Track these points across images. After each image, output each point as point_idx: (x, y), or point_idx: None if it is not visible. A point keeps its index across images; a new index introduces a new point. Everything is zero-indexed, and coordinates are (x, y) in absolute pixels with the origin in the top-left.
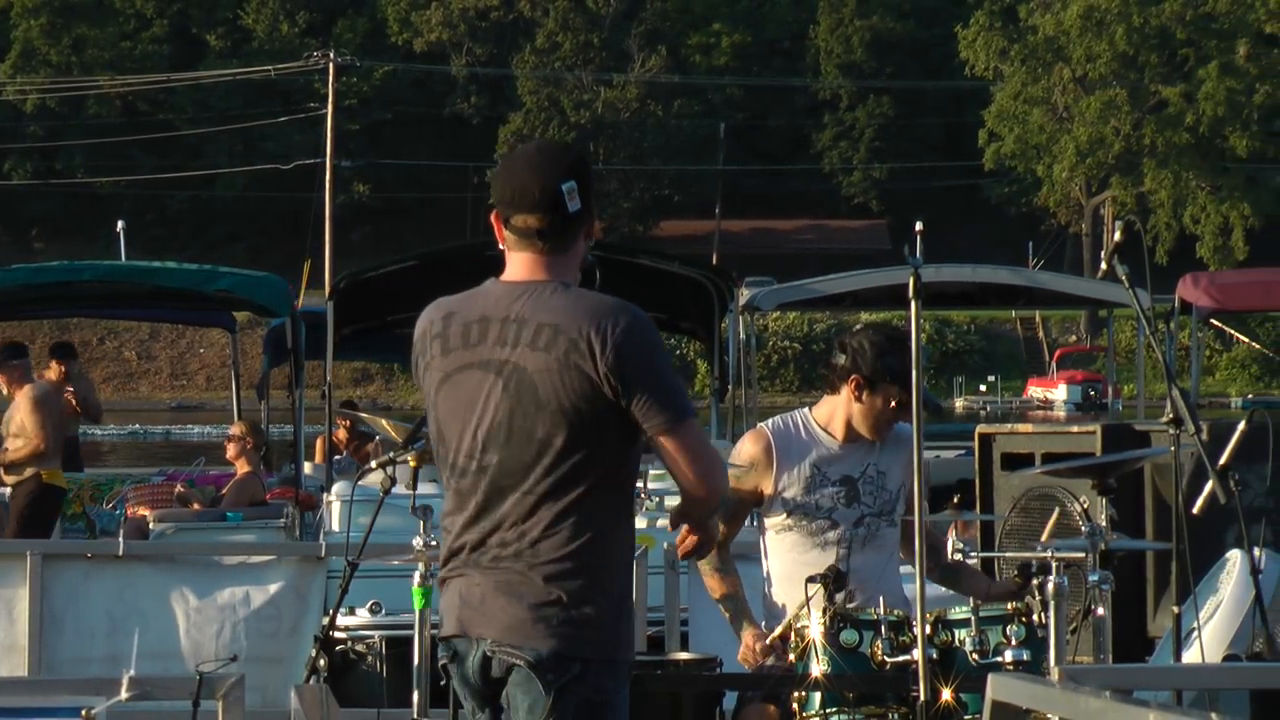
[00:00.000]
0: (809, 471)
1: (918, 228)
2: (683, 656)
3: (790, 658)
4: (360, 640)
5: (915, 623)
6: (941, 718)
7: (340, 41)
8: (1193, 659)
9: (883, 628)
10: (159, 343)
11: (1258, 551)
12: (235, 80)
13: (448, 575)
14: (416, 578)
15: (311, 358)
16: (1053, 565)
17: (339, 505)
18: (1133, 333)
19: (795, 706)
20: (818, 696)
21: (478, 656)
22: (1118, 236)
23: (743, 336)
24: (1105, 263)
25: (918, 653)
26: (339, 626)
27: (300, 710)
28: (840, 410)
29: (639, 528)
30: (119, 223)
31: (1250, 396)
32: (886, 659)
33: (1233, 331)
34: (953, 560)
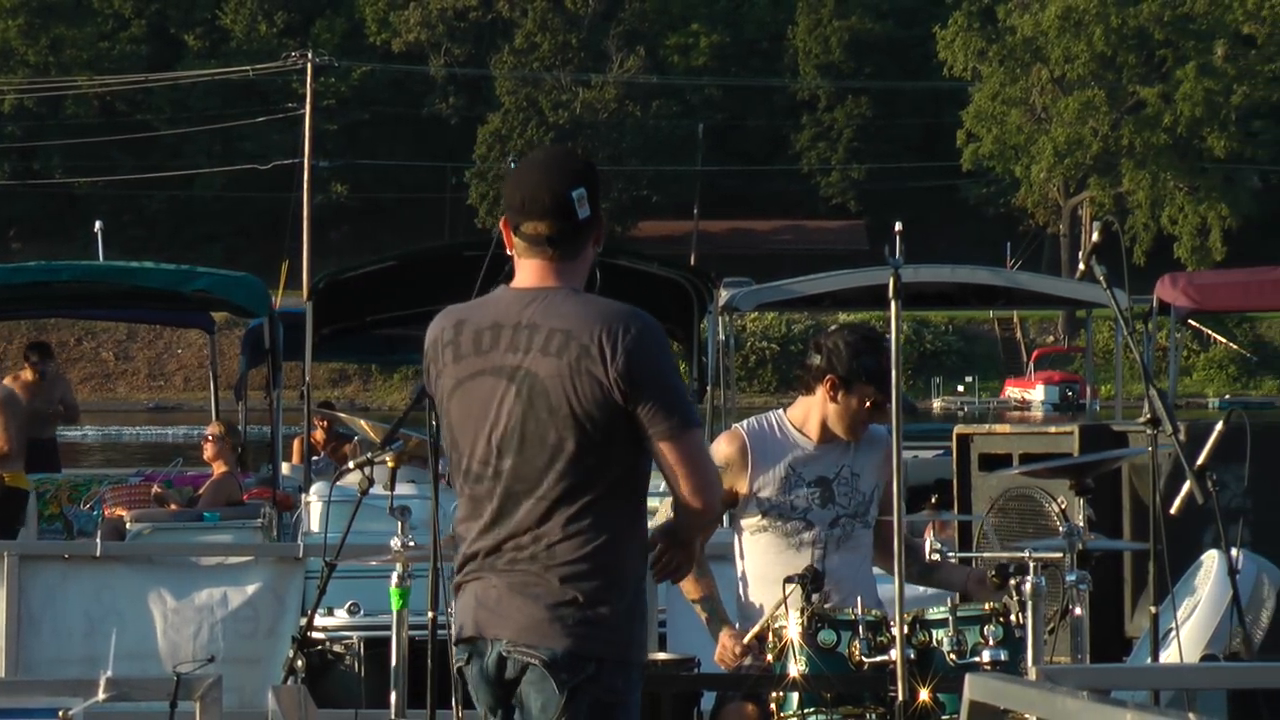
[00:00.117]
0: (784, 472)
1: (897, 228)
2: (661, 657)
3: (768, 658)
4: (338, 641)
5: (893, 623)
6: (919, 718)
7: (318, 42)
8: (1170, 659)
9: (860, 628)
10: (137, 343)
11: (1235, 552)
12: (213, 80)
13: (463, 579)
14: (394, 578)
15: (289, 358)
16: (1030, 565)
17: (317, 506)
18: (1111, 333)
19: (773, 707)
20: (795, 697)
21: (493, 657)
22: (1096, 237)
23: (721, 337)
24: (1083, 263)
25: (895, 653)
26: (317, 627)
27: (278, 711)
28: (815, 411)
29: None
30: (97, 223)
31: (1227, 397)
32: (864, 659)
33: (1210, 332)
34: (930, 560)
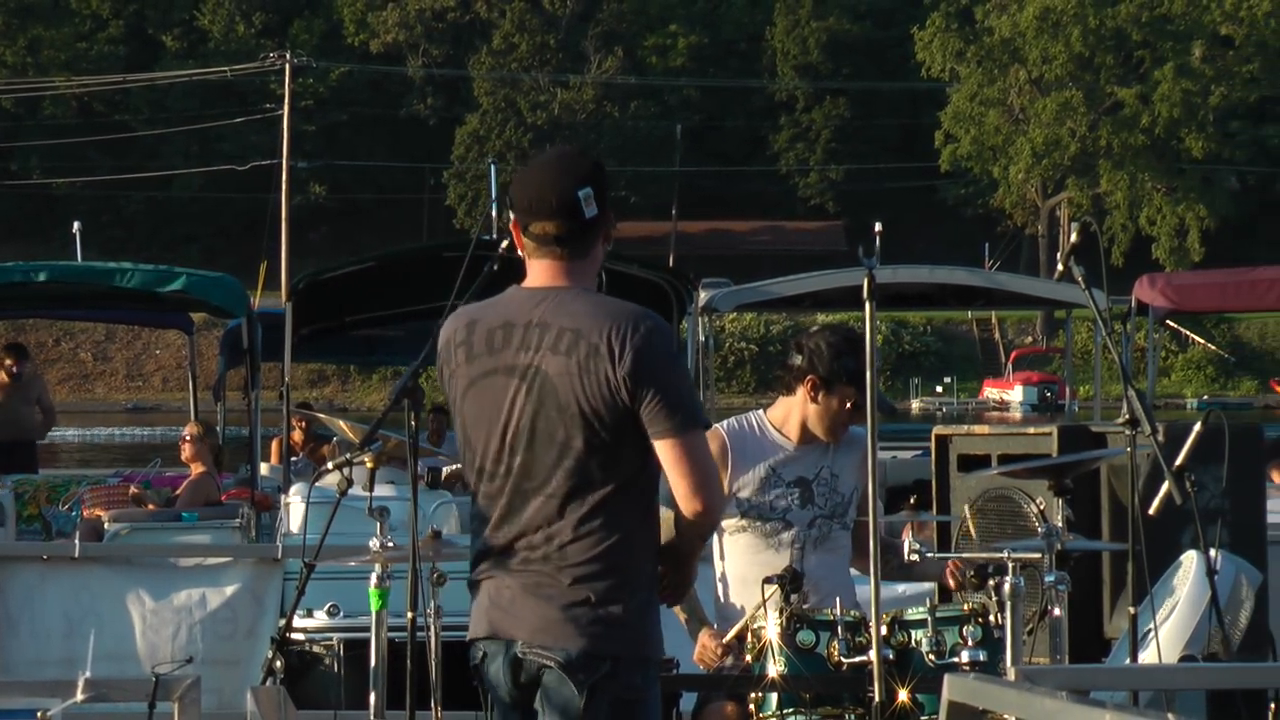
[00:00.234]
0: (764, 473)
1: (876, 229)
2: None
3: (747, 658)
4: (317, 642)
5: (870, 624)
6: (898, 718)
7: (296, 42)
8: (1149, 659)
9: (839, 628)
10: (115, 344)
11: (1214, 552)
12: (191, 81)
13: (477, 578)
14: (373, 579)
15: (268, 359)
16: (1009, 566)
17: (296, 507)
18: (1089, 334)
19: (752, 708)
20: (774, 697)
21: (508, 659)
22: (1074, 238)
23: (700, 338)
24: (1062, 264)
25: (874, 653)
26: (296, 628)
27: (257, 712)
28: (795, 411)
29: None
30: (75, 223)
31: (1206, 397)
32: (843, 660)
33: (1188, 333)
34: (909, 560)
